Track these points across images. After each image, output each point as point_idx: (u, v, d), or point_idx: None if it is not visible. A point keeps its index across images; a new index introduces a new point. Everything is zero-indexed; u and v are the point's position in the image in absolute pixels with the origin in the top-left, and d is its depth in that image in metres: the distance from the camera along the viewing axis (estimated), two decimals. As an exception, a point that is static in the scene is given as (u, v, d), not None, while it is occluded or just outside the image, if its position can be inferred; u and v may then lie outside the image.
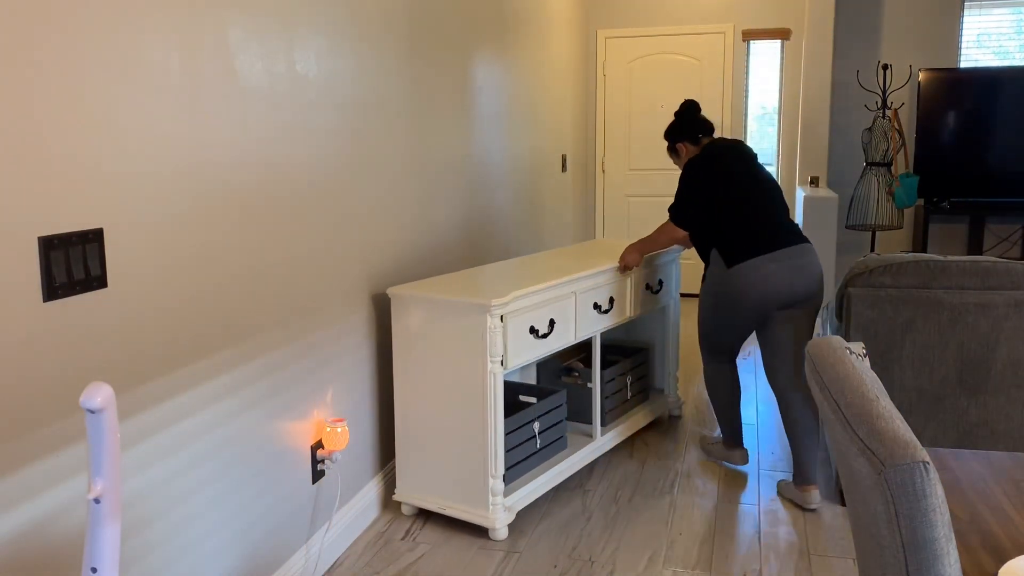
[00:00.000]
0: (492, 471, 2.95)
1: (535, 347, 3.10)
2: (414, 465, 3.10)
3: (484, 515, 2.97)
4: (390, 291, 3.04)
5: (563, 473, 3.32)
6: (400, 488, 3.15)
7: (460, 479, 3.00)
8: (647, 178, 6.94)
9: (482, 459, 2.95)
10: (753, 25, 6.59)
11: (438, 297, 2.94)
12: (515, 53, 4.92)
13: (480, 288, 3.03)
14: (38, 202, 1.61)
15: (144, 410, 1.93)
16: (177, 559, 2.06)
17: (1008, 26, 6.20)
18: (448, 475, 3.03)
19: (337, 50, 2.78)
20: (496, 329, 2.88)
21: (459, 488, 3.01)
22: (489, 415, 2.91)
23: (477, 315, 2.87)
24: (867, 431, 1.12)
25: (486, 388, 2.90)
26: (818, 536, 2.98)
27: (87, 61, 1.72)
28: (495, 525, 2.96)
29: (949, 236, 6.50)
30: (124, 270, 1.84)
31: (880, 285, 3.07)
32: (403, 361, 3.07)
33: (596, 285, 3.44)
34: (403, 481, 3.14)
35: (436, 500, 3.06)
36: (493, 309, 2.85)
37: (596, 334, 3.49)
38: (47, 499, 1.67)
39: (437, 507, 3.05)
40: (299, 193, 2.56)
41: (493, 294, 2.90)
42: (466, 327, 2.90)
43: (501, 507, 2.99)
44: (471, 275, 3.31)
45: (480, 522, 2.97)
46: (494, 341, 2.88)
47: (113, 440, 1.21)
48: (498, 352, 2.89)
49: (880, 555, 1.11)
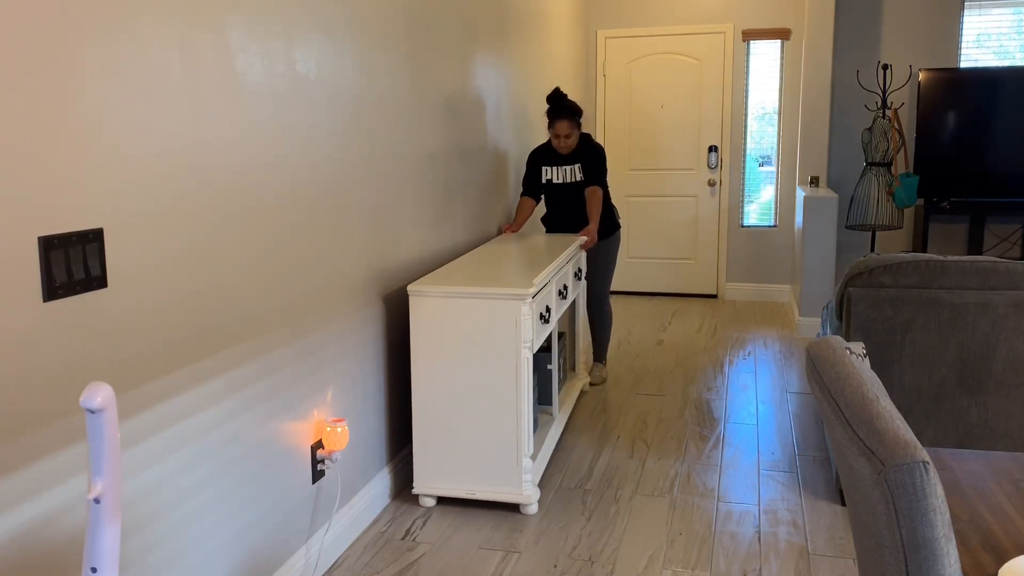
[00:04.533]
0: (526, 450, 3.12)
1: (542, 331, 3.32)
2: (434, 456, 3.19)
3: (518, 493, 3.14)
4: (410, 288, 3.12)
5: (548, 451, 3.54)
6: (418, 481, 3.22)
7: (489, 463, 3.15)
8: (647, 178, 6.94)
9: (514, 440, 3.12)
10: (753, 25, 6.59)
11: (466, 290, 3.08)
12: (515, 53, 4.92)
13: (497, 280, 3.18)
14: (38, 202, 1.61)
15: (144, 410, 1.93)
16: (177, 559, 2.06)
17: (1008, 26, 6.20)
18: (474, 461, 3.16)
19: (337, 50, 2.78)
20: (526, 316, 3.06)
21: (488, 472, 3.15)
22: (523, 398, 3.09)
23: (511, 304, 3.05)
24: (867, 431, 1.12)
25: (520, 372, 3.07)
26: (818, 536, 2.98)
27: (87, 61, 1.72)
28: (530, 500, 3.14)
29: (949, 236, 6.50)
30: (124, 270, 1.84)
31: (880, 285, 3.07)
32: (423, 355, 3.15)
33: (561, 274, 3.77)
34: (422, 473, 3.21)
35: (462, 486, 3.18)
36: (526, 298, 3.04)
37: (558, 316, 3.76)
38: (47, 499, 1.67)
39: (465, 493, 3.18)
40: (299, 193, 2.56)
41: (520, 285, 3.08)
42: (498, 316, 3.07)
43: (531, 484, 3.16)
44: (463, 267, 3.40)
45: (514, 500, 3.14)
46: (525, 327, 3.06)
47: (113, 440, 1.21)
48: (528, 337, 3.08)
49: (880, 555, 1.11)
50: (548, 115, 4.42)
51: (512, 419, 3.11)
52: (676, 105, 6.78)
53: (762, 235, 6.85)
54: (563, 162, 4.54)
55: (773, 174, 6.83)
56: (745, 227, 6.87)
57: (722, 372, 4.95)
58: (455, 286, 3.08)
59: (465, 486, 3.18)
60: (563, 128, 4.39)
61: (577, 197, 4.57)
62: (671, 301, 6.90)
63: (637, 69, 6.83)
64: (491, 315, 3.07)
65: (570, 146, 4.47)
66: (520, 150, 5.12)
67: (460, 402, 3.14)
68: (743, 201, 6.86)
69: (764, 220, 6.89)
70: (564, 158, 4.53)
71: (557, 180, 4.58)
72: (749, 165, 6.85)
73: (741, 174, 6.79)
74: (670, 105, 6.78)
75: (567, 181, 4.56)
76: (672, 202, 6.92)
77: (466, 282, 3.13)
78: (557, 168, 4.56)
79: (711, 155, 6.75)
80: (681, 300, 6.94)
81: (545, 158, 4.59)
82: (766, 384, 4.72)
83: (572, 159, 4.52)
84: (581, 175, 4.54)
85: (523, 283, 3.09)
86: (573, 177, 4.55)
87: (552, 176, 4.59)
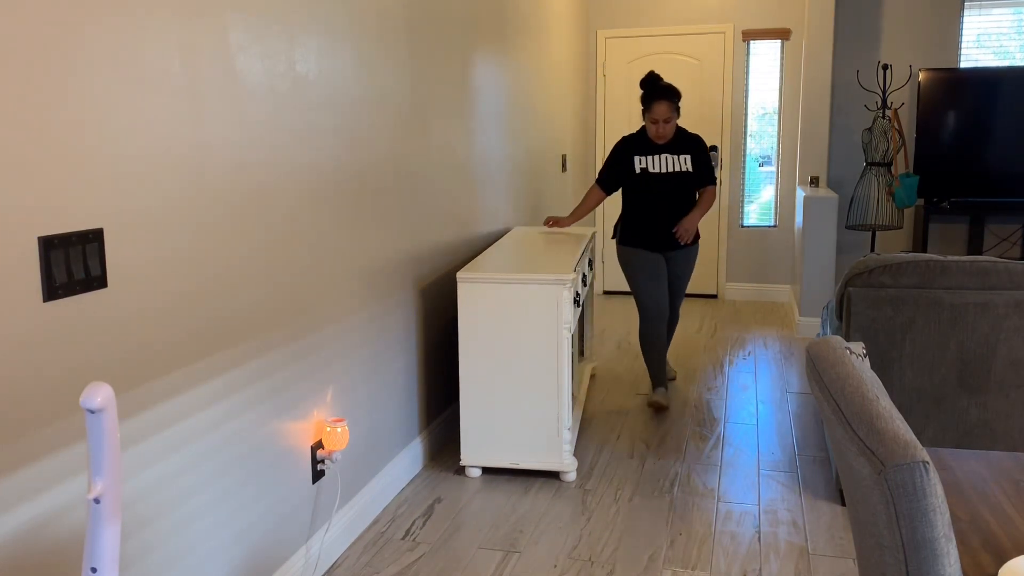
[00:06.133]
0: (567, 423, 3.42)
1: (575, 314, 3.57)
2: (480, 433, 3.49)
3: (560, 462, 3.44)
4: (459, 275, 3.39)
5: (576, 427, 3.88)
6: (465, 454, 3.51)
7: (531, 436, 3.44)
8: (647, 178, 6.94)
9: (555, 414, 3.41)
10: (753, 25, 6.59)
11: (512, 276, 3.37)
12: (515, 53, 4.92)
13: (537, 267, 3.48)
14: (38, 202, 1.61)
15: (144, 410, 1.93)
16: (177, 559, 2.06)
17: (1008, 26, 6.20)
18: (518, 435, 3.45)
19: (338, 50, 2.78)
20: (566, 300, 3.34)
21: (530, 444, 3.45)
22: (564, 374, 3.38)
23: (553, 289, 3.33)
24: (867, 431, 1.12)
25: (561, 352, 3.36)
26: (818, 536, 2.98)
27: (87, 61, 1.72)
28: (571, 468, 3.44)
29: (949, 236, 6.50)
30: (124, 270, 1.84)
31: (880, 285, 3.07)
32: (470, 341, 3.43)
33: (583, 262, 3.97)
34: (468, 448, 3.51)
35: (507, 457, 3.48)
36: (567, 283, 3.32)
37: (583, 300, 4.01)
38: (47, 499, 1.67)
39: (509, 463, 3.47)
40: (300, 193, 2.56)
41: (561, 271, 3.36)
42: (540, 301, 3.35)
43: (570, 454, 3.47)
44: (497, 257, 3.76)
45: (556, 468, 3.44)
46: (565, 309, 3.34)
47: (113, 440, 1.21)
48: (568, 319, 3.35)
49: (880, 555, 1.11)
50: (643, 100, 4.01)
51: (554, 394, 3.39)
52: (676, 105, 6.78)
53: (762, 235, 6.85)
54: (664, 151, 4.09)
55: (773, 174, 6.83)
56: (745, 227, 6.87)
57: (722, 372, 4.95)
58: (502, 273, 3.38)
59: (510, 457, 3.47)
60: (661, 111, 3.96)
61: (682, 192, 4.10)
62: (671, 301, 6.90)
63: (637, 69, 6.83)
64: (535, 299, 3.36)
65: (667, 134, 4.04)
66: (520, 150, 5.11)
67: (505, 380, 3.43)
68: (743, 201, 6.86)
69: (764, 220, 6.89)
70: (663, 147, 4.09)
71: (655, 169, 4.07)
72: (749, 165, 6.85)
73: (741, 174, 6.79)
74: (670, 105, 6.78)
75: (671, 171, 4.06)
76: (672, 202, 6.92)
77: (511, 269, 3.45)
78: (655, 157, 4.08)
79: (711, 155, 6.75)
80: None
81: (638, 147, 4.12)
82: (766, 384, 4.72)
83: (675, 148, 4.08)
84: (690, 167, 4.08)
85: (563, 269, 3.40)
86: (679, 166, 4.07)
87: (648, 165, 4.09)
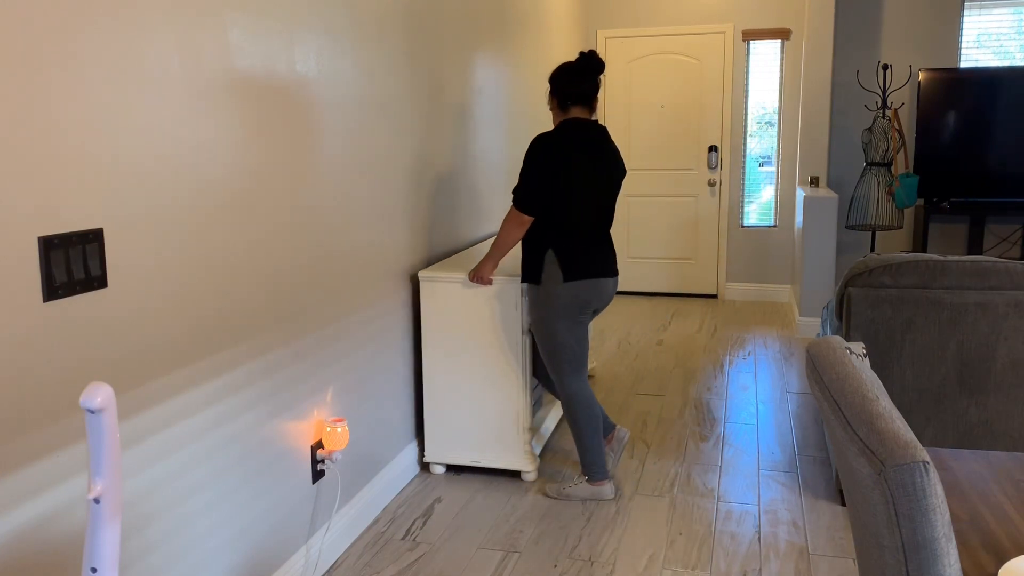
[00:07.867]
0: (526, 423, 3.40)
1: None
2: (442, 430, 3.47)
3: (519, 461, 3.42)
4: (421, 274, 3.37)
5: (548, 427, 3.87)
6: (429, 451, 3.50)
7: (491, 435, 3.42)
8: (647, 178, 6.94)
9: (515, 413, 3.39)
10: (753, 25, 6.59)
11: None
12: (515, 53, 4.92)
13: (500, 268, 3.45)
14: (38, 202, 1.61)
15: (144, 410, 1.93)
16: (177, 559, 2.06)
17: (1008, 26, 6.20)
18: (478, 433, 3.44)
19: (338, 50, 2.77)
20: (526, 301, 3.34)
21: (490, 442, 3.43)
22: (525, 374, 3.38)
23: (513, 289, 3.32)
24: (867, 431, 1.12)
25: (522, 352, 3.35)
26: (818, 536, 2.98)
27: (87, 61, 1.72)
28: (529, 467, 3.41)
29: (949, 236, 6.50)
30: (124, 270, 1.84)
31: (880, 285, 3.07)
32: (432, 338, 3.42)
33: None
34: (432, 445, 3.50)
35: (467, 455, 3.46)
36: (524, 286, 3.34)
37: None
38: (47, 499, 1.67)
39: (470, 461, 3.46)
40: (300, 193, 2.56)
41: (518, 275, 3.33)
42: (501, 300, 3.33)
43: (531, 453, 3.44)
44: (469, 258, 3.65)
45: (516, 467, 3.42)
46: (524, 310, 3.34)
47: (113, 440, 1.21)
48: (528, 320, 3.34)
49: (880, 555, 1.11)
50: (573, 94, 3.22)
51: (514, 394, 3.38)
52: (676, 105, 6.78)
53: (762, 235, 6.85)
54: None
55: (773, 174, 6.83)
56: (745, 227, 6.87)
57: (722, 372, 4.95)
58: (462, 272, 3.35)
59: (471, 455, 3.46)
60: None
61: None
62: (671, 301, 6.90)
63: (637, 69, 6.83)
64: (497, 300, 3.34)
65: None
66: (520, 150, 5.12)
67: (466, 379, 3.42)
68: (743, 201, 6.86)
69: (764, 220, 6.89)
70: None
71: None
72: (749, 165, 6.85)
73: (741, 174, 6.79)
74: (670, 105, 6.78)
75: None
76: (672, 202, 6.92)
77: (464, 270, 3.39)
78: None
79: (711, 155, 6.75)
80: (681, 300, 6.94)
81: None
82: (766, 384, 4.71)
83: None
84: None
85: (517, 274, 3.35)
86: None
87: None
